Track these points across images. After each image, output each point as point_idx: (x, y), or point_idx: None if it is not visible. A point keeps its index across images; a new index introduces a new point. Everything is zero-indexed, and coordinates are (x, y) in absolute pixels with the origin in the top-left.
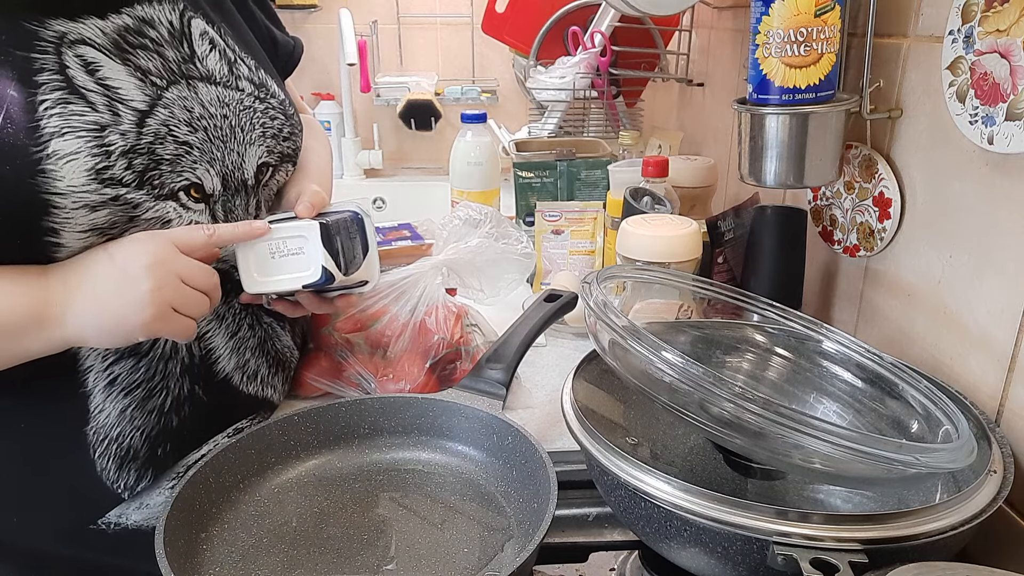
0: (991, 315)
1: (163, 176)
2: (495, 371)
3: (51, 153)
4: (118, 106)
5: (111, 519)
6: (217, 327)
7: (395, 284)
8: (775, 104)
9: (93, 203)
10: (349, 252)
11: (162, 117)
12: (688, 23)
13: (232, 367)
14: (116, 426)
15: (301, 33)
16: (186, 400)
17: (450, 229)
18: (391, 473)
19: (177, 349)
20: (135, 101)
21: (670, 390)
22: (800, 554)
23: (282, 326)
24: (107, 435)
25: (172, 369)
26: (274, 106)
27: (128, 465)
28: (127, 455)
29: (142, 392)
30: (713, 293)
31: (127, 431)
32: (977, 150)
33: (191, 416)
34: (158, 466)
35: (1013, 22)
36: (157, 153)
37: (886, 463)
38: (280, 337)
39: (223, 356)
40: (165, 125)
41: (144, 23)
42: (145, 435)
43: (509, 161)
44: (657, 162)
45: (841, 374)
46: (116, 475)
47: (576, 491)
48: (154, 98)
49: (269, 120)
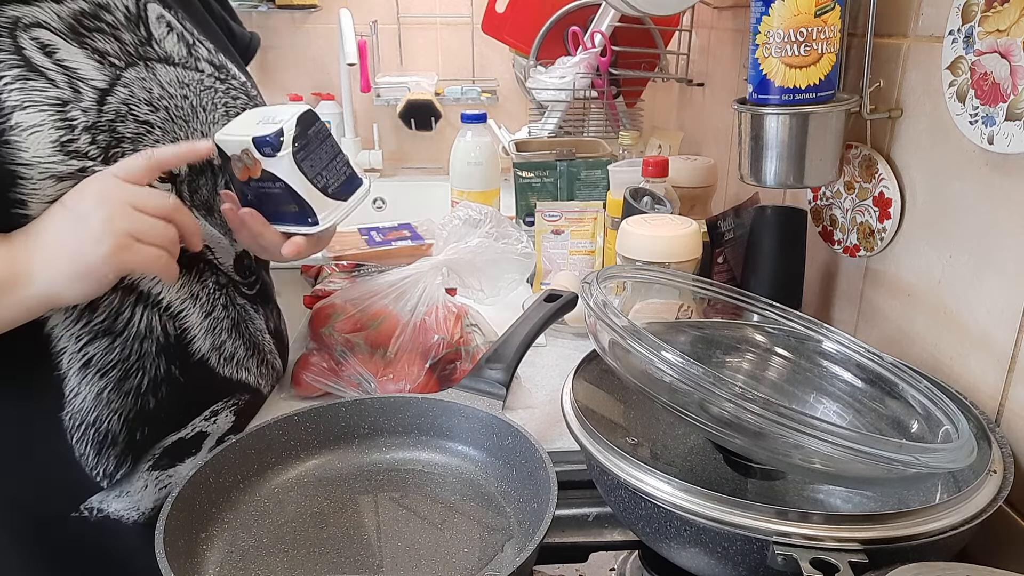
0: (991, 315)
1: (126, 154)
2: (495, 371)
3: (14, 125)
4: (78, 84)
5: (93, 505)
6: (192, 306)
7: (395, 284)
8: (775, 104)
9: (60, 173)
10: (317, 159)
11: (122, 96)
12: (688, 23)
13: (208, 348)
14: (93, 410)
15: (301, 33)
16: (163, 381)
17: (450, 229)
18: (391, 473)
19: (152, 328)
20: (95, 80)
21: (670, 390)
22: (800, 554)
23: (255, 309)
24: (84, 419)
25: (148, 349)
26: (235, 87)
27: (107, 451)
28: (105, 440)
29: (118, 373)
30: (713, 293)
31: (104, 415)
32: (977, 150)
33: (168, 397)
34: (136, 450)
35: (1013, 22)
36: (119, 131)
37: (886, 463)
38: (254, 319)
39: (198, 336)
40: (125, 104)
41: (100, 7)
42: (123, 418)
43: (509, 161)
44: (657, 162)
45: (841, 374)
46: (95, 461)
47: (576, 491)
48: (113, 78)
49: (231, 100)
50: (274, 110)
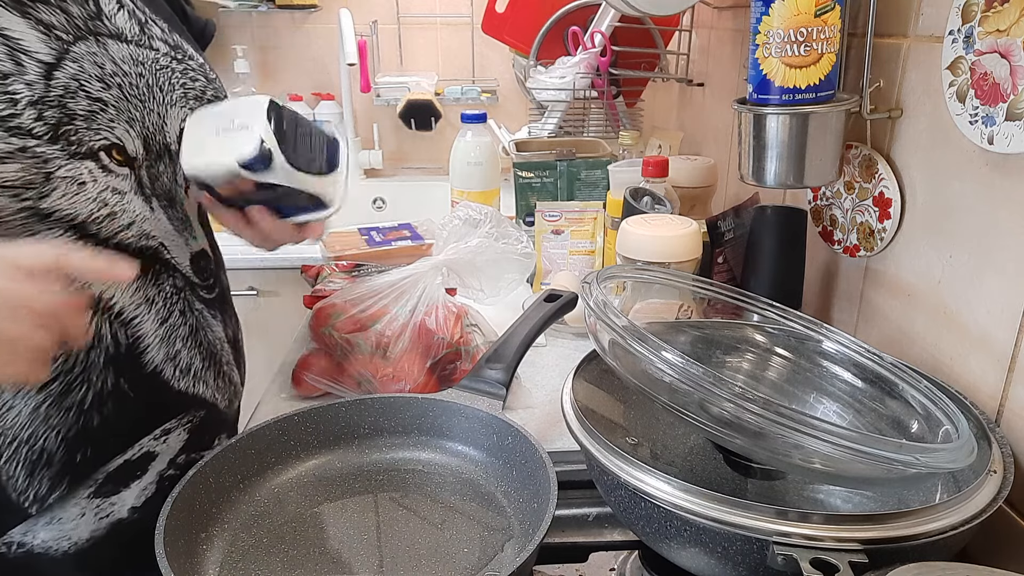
0: (991, 315)
1: (79, 132)
2: (495, 371)
3: None
4: (20, 56)
5: (14, 538)
6: (147, 312)
7: (395, 284)
8: (775, 104)
9: (1, 152)
10: (303, 146)
11: (72, 71)
12: (688, 23)
13: (162, 359)
14: (28, 426)
15: (301, 33)
16: (109, 396)
17: (450, 229)
18: (391, 473)
19: (101, 337)
20: (39, 53)
21: (670, 390)
22: (800, 554)
23: (214, 315)
24: (16, 436)
25: (95, 359)
26: (193, 67)
27: (41, 472)
28: (39, 460)
29: (59, 386)
30: (713, 293)
31: (40, 431)
32: (977, 150)
33: (114, 414)
34: (75, 474)
35: (1013, 22)
36: (69, 107)
37: (886, 463)
38: (212, 327)
39: (152, 346)
40: (76, 80)
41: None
42: (61, 436)
43: (509, 161)
44: (657, 162)
45: (841, 374)
46: (26, 484)
47: (576, 491)
48: (60, 52)
49: (190, 81)
50: (227, 109)
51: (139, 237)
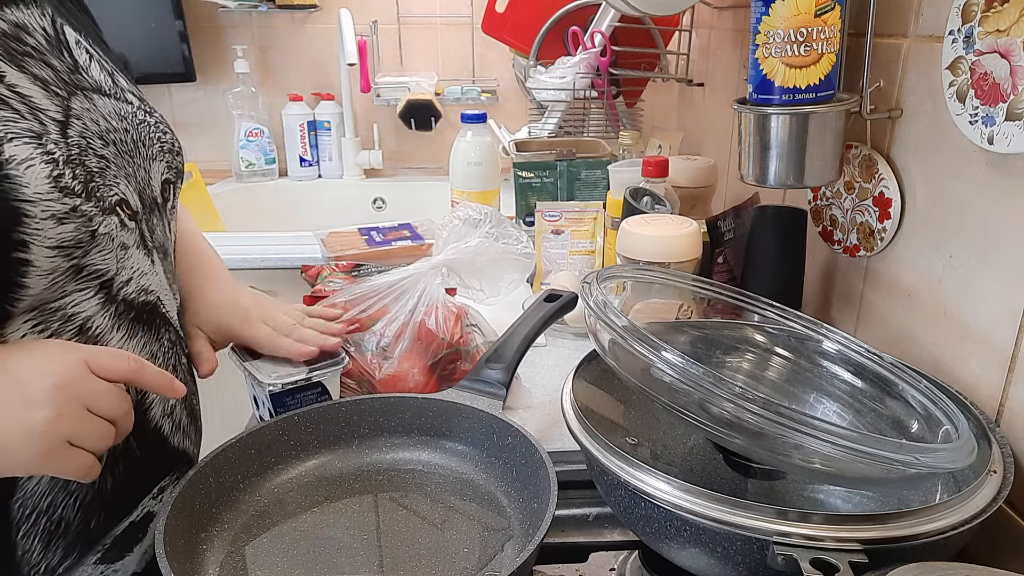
0: (991, 315)
1: (100, 189)
2: (495, 371)
3: (8, 158)
4: (40, 115)
5: None
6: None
7: (395, 284)
8: (775, 104)
9: (58, 213)
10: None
11: (79, 128)
12: (688, 23)
13: (160, 414)
14: (48, 494)
15: (301, 33)
16: (120, 456)
17: (450, 229)
18: (391, 473)
19: None
20: (50, 110)
21: (670, 390)
22: (800, 554)
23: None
24: (36, 507)
25: None
26: (161, 120)
27: (57, 542)
28: (56, 529)
29: None
30: (713, 293)
31: (59, 499)
32: (977, 150)
33: (124, 475)
34: (86, 540)
35: (1013, 22)
36: (87, 165)
37: (886, 463)
38: (194, 380)
39: (155, 402)
40: (83, 137)
41: (19, 28)
42: (79, 502)
43: (509, 161)
44: (657, 162)
45: (841, 374)
46: (40, 556)
47: (576, 491)
48: (64, 108)
49: (162, 135)
50: (267, 369)
51: (139, 292)
